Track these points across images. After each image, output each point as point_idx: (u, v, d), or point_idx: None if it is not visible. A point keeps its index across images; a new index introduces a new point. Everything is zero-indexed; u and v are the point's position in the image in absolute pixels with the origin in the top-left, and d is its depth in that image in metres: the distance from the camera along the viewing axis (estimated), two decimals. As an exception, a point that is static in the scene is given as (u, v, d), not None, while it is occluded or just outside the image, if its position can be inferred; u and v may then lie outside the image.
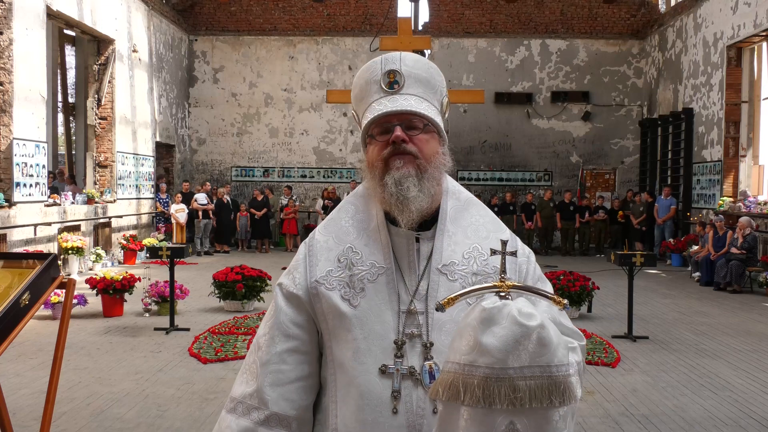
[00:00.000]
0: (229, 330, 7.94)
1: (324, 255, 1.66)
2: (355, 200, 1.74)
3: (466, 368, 1.30)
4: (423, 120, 1.61)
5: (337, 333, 1.61)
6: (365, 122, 1.62)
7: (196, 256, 15.80)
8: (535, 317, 1.31)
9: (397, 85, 1.61)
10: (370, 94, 1.64)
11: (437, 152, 1.63)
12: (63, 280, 3.36)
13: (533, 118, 19.52)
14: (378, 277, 1.61)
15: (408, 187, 1.57)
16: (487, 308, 1.32)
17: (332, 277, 1.62)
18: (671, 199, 16.24)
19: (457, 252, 1.64)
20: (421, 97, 1.62)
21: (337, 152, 19.89)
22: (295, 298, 1.65)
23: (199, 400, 5.50)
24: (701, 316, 9.45)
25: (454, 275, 1.61)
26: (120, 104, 15.07)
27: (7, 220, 10.76)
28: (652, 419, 5.17)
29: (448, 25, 19.50)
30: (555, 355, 1.30)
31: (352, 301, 1.59)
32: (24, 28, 11.33)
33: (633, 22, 19.34)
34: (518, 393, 1.26)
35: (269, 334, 1.65)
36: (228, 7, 19.55)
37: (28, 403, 5.32)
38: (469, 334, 1.32)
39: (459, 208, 1.70)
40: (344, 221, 1.71)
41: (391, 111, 1.59)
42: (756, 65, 14.39)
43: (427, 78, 1.65)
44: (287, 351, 1.63)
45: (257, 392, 1.61)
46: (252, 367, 1.65)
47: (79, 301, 8.53)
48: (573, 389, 1.31)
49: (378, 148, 1.62)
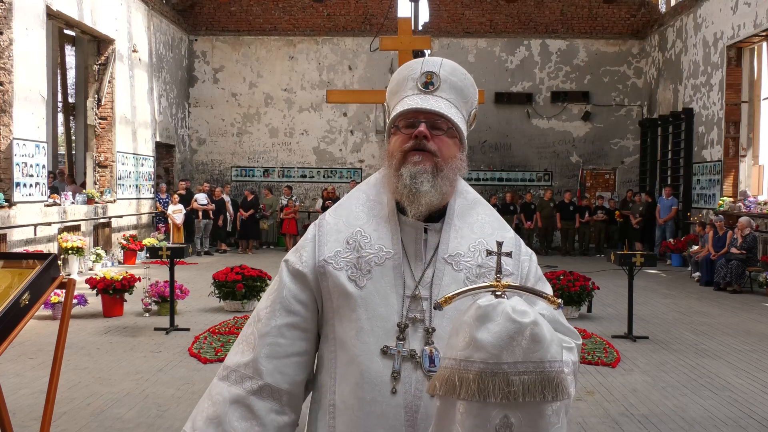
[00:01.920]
0: (229, 330, 7.94)
1: (333, 236, 1.70)
2: (366, 188, 1.79)
3: (462, 363, 1.34)
4: (447, 123, 1.66)
5: (341, 312, 1.64)
6: (394, 113, 1.68)
7: (196, 256, 15.80)
8: (528, 314, 1.35)
9: (432, 86, 1.67)
10: (404, 89, 1.70)
11: (455, 156, 1.69)
12: (63, 280, 3.35)
13: (533, 118, 19.52)
14: (385, 261, 1.65)
15: (422, 182, 1.62)
16: (483, 306, 1.36)
17: (340, 258, 1.66)
18: (672, 199, 16.24)
19: (463, 244, 1.69)
20: (452, 103, 1.68)
21: (337, 152, 19.89)
22: (300, 276, 1.68)
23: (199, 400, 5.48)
24: (701, 316, 9.45)
25: (459, 266, 1.66)
26: (120, 104, 15.07)
27: (7, 220, 10.76)
28: (652, 419, 5.16)
29: (448, 25, 19.50)
30: (548, 351, 1.34)
31: (358, 282, 1.63)
32: (24, 28, 11.33)
33: (633, 22, 19.34)
34: (512, 387, 1.31)
35: (270, 308, 1.69)
36: (228, 7, 19.55)
37: (28, 403, 5.32)
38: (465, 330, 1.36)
39: (466, 206, 1.77)
40: (355, 206, 1.75)
41: (420, 108, 1.65)
42: (756, 65, 14.39)
43: (461, 87, 1.71)
44: (287, 325, 1.66)
45: (253, 362, 1.64)
46: (250, 338, 1.68)
47: (79, 301, 8.53)
48: (566, 384, 1.35)
49: (401, 139, 1.67)
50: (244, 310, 9.16)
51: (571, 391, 1.46)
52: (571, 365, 1.52)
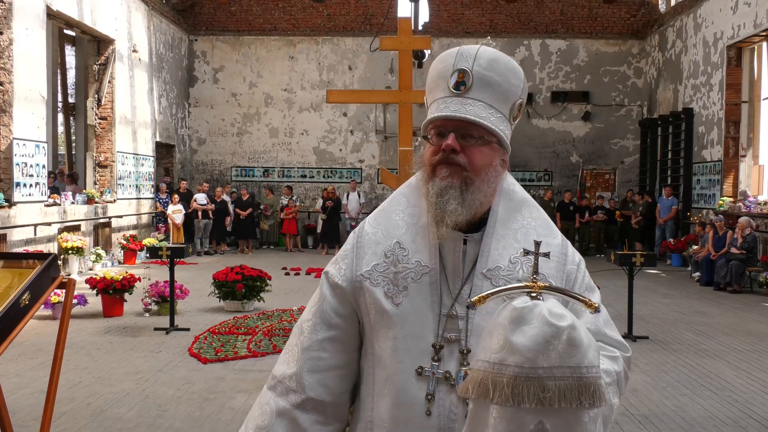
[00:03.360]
0: (229, 330, 7.94)
1: (371, 249, 1.65)
2: (408, 191, 1.70)
3: (495, 366, 1.30)
4: (481, 130, 1.54)
5: (377, 328, 1.61)
6: (425, 120, 1.60)
7: (196, 256, 15.80)
8: (565, 318, 1.30)
9: (464, 86, 1.54)
10: (437, 89, 1.59)
11: (491, 164, 1.56)
12: (63, 280, 3.35)
13: (533, 118, 19.52)
14: (422, 277, 1.59)
15: (448, 200, 1.53)
16: (518, 307, 1.32)
17: (377, 273, 1.61)
18: (672, 199, 16.24)
19: (504, 256, 1.60)
20: (487, 104, 1.55)
21: (337, 152, 19.89)
22: (339, 289, 1.66)
23: (199, 400, 5.50)
24: (701, 316, 9.45)
25: (498, 280, 1.58)
26: (120, 104, 15.07)
27: (7, 220, 10.76)
28: (652, 419, 5.16)
29: (448, 25, 19.50)
30: (585, 357, 1.29)
31: (395, 299, 1.59)
32: (24, 28, 11.33)
33: (633, 22, 19.34)
34: (547, 393, 1.26)
35: (312, 321, 1.67)
36: (228, 7, 19.55)
37: (28, 403, 5.32)
38: (499, 332, 1.32)
39: (511, 209, 1.65)
40: (395, 214, 1.68)
41: (448, 116, 1.54)
42: (756, 65, 14.39)
43: (500, 82, 1.55)
44: (327, 339, 1.65)
45: (296, 375, 1.64)
46: (294, 350, 1.68)
47: (79, 301, 8.53)
48: (603, 391, 1.30)
49: (431, 151, 1.58)
50: (244, 310, 9.16)
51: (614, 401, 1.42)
52: (613, 374, 1.47)
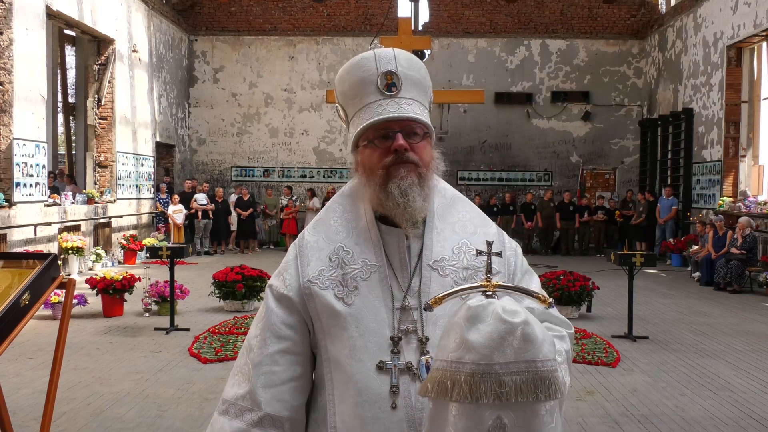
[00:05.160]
0: (229, 330, 7.94)
1: (315, 255, 1.66)
2: (342, 200, 1.75)
3: (453, 365, 1.33)
4: (423, 127, 1.61)
5: (331, 331, 1.61)
6: (363, 124, 1.61)
7: (196, 256, 15.80)
8: (519, 314, 1.33)
9: (395, 87, 1.60)
10: (365, 94, 1.62)
11: (433, 158, 1.65)
12: (63, 280, 3.35)
13: (533, 118, 19.52)
14: (371, 275, 1.61)
15: (414, 197, 1.58)
16: (473, 306, 1.35)
17: (325, 276, 1.62)
18: (673, 199, 16.24)
19: (446, 248, 1.66)
20: (417, 101, 1.62)
21: (337, 152, 19.90)
22: (286, 299, 1.65)
23: (199, 400, 5.50)
24: (701, 316, 9.45)
25: (445, 270, 1.63)
26: (120, 104, 15.07)
27: (7, 220, 10.76)
28: (652, 419, 5.16)
29: (448, 25, 19.50)
30: (540, 351, 1.32)
31: (346, 300, 1.60)
32: (24, 28, 11.33)
33: (633, 22, 19.34)
34: (504, 388, 1.29)
35: (260, 336, 1.65)
36: (228, 7, 19.55)
37: (28, 403, 5.32)
38: (455, 332, 1.35)
39: (445, 205, 1.72)
40: (333, 221, 1.71)
41: (394, 117, 1.58)
42: (756, 65, 14.39)
43: (420, 79, 1.65)
44: (279, 352, 1.63)
45: (250, 393, 1.61)
46: (244, 369, 1.65)
47: (79, 301, 8.53)
48: (559, 384, 1.33)
49: (378, 154, 1.61)
50: (244, 310, 9.16)
51: (567, 382, 1.45)
52: (564, 354, 1.50)
